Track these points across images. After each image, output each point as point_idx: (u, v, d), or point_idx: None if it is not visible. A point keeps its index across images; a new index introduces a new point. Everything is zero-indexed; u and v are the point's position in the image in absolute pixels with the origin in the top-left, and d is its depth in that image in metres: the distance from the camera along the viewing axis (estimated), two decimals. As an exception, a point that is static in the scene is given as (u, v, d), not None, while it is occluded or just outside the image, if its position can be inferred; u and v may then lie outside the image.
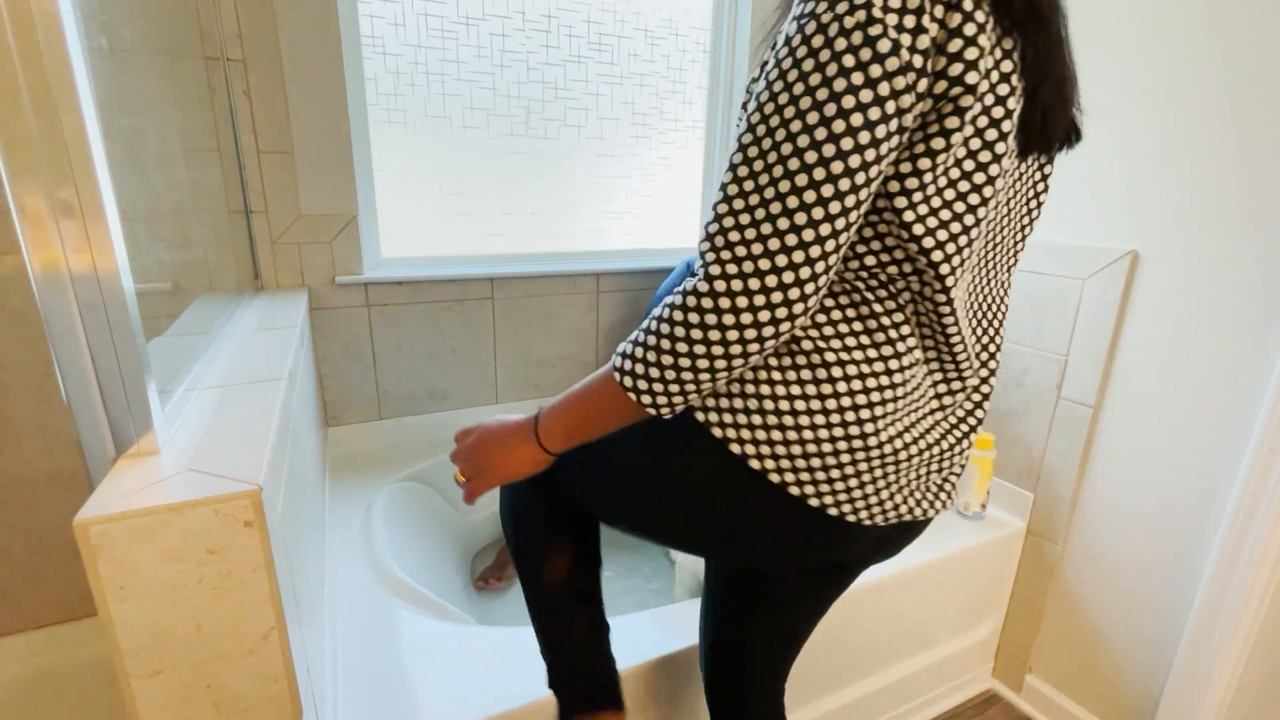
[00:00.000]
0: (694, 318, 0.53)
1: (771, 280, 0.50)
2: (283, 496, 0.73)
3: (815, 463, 0.59)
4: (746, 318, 0.51)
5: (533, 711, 0.90)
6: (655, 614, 1.10)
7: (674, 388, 0.56)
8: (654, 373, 0.56)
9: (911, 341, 0.59)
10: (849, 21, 0.47)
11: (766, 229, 0.50)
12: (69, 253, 0.55)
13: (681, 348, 0.54)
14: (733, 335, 0.52)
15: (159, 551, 0.55)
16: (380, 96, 1.57)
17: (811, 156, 0.48)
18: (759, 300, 0.51)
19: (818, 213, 0.49)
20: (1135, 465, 1.24)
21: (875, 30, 0.46)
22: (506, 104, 1.70)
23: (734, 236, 0.51)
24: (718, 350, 0.53)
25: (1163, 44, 1.12)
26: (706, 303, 0.52)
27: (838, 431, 0.57)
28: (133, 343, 0.58)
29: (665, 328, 0.54)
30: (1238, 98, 1.04)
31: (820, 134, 0.48)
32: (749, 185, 0.51)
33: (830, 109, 0.48)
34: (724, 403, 0.60)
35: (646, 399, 0.57)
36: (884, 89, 0.47)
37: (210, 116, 1.33)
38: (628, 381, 0.57)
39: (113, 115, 0.72)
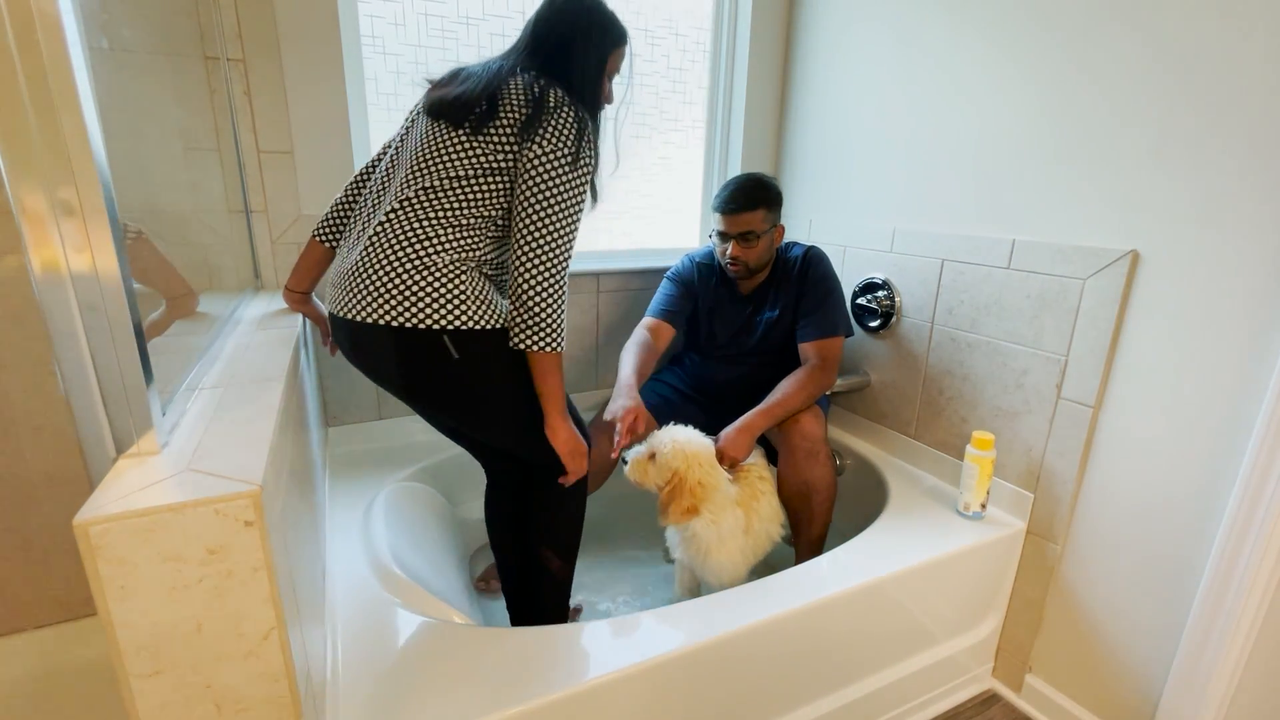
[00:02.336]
0: None
1: None
2: (282, 496, 0.73)
3: None
4: None
5: (532, 712, 0.90)
6: (655, 614, 1.11)
7: None
8: None
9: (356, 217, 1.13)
10: None
11: None
12: (69, 252, 0.55)
13: None
14: None
15: (159, 551, 0.55)
16: (380, 96, 1.57)
17: None
18: None
19: None
20: (1135, 465, 1.24)
21: None
22: (506, 104, 1.70)
23: None
24: None
25: (1162, 43, 1.12)
26: None
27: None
28: (133, 342, 0.58)
29: None
30: (1238, 97, 1.04)
31: None
32: None
33: None
34: None
35: None
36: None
37: (210, 116, 1.33)
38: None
39: (113, 115, 0.72)
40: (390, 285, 0.98)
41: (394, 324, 0.98)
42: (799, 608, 1.12)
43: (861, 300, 1.75)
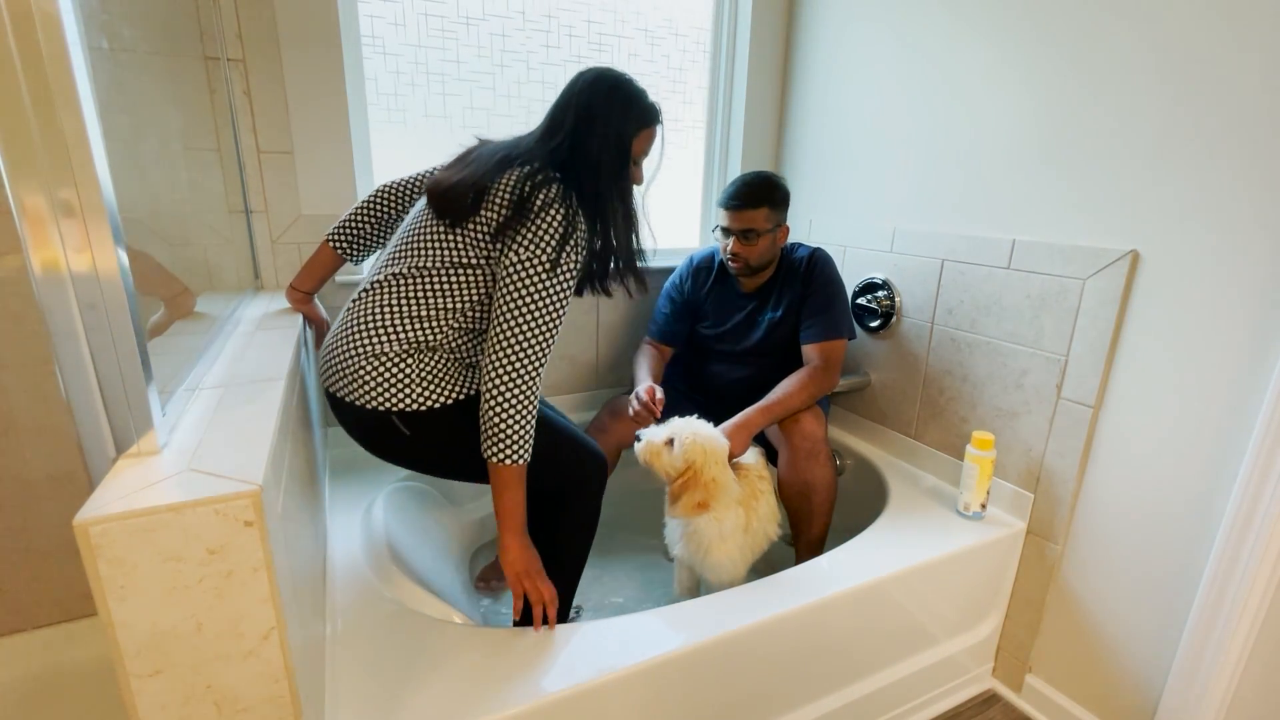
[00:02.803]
0: None
1: None
2: (283, 496, 0.73)
3: None
4: None
5: (532, 712, 0.90)
6: (655, 614, 1.11)
7: None
8: None
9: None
10: None
11: None
12: (69, 252, 0.55)
13: None
14: None
15: (159, 551, 0.55)
16: (380, 96, 1.57)
17: None
18: None
19: None
20: (1135, 465, 1.24)
21: None
22: (506, 104, 1.70)
23: None
24: None
25: (1162, 43, 1.12)
26: None
27: None
28: (133, 342, 0.58)
29: None
30: (1238, 97, 1.04)
31: None
32: None
33: None
34: None
35: None
36: None
37: (210, 116, 1.33)
38: None
39: (113, 115, 0.72)
40: (346, 367, 1.04)
41: (348, 399, 1.05)
42: (799, 608, 1.12)
43: (861, 300, 1.75)
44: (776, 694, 1.17)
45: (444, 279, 1.02)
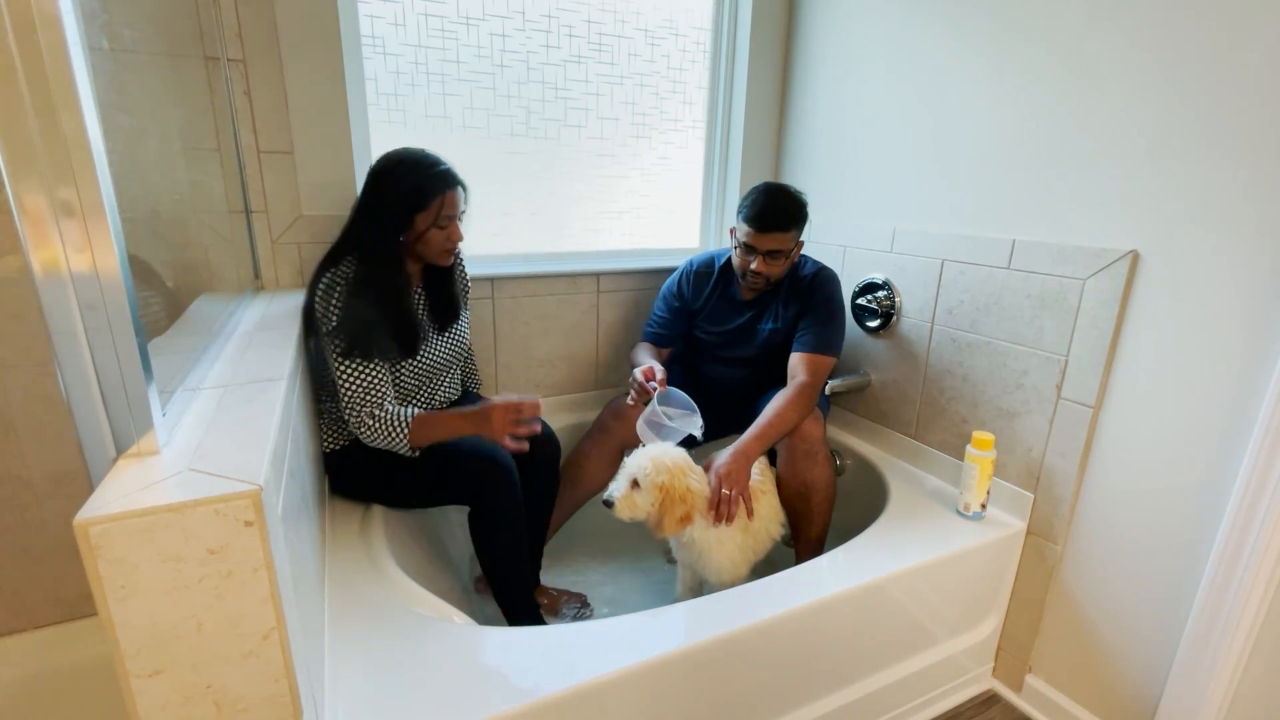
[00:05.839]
0: None
1: None
2: (283, 496, 0.73)
3: None
4: None
5: (532, 712, 0.90)
6: (655, 614, 1.11)
7: None
8: None
9: None
10: None
11: None
12: (69, 252, 0.55)
13: None
14: None
15: (159, 551, 0.55)
16: (380, 96, 1.57)
17: None
18: None
19: None
20: (1135, 465, 1.24)
21: None
22: (506, 104, 1.70)
23: None
24: None
25: (1160, 44, 1.12)
26: None
27: None
28: (133, 342, 0.58)
29: None
30: (1237, 96, 1.04)
31: None
32: None
33: None
34: None
35: None
36: None
37: (210, 116, 1.33)
38: None
39: (113, 115, 0.72)
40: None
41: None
42: (799, 608, 1.12)
43: (861, 300, 1.75)
44: (776, 694, 1.17)
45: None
